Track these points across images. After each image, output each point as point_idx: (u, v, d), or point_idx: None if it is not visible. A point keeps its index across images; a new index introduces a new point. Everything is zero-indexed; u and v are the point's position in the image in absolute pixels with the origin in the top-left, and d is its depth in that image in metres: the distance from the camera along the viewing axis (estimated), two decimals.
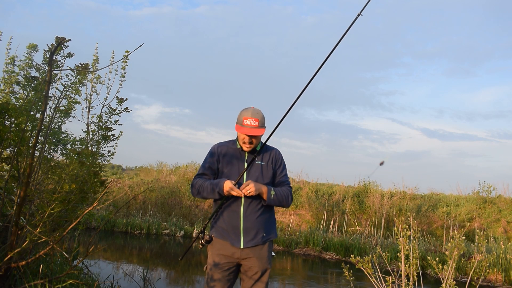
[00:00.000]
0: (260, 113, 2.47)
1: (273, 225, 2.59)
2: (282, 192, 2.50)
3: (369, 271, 3.49)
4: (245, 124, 2.42)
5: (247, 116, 2.43)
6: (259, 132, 2.42)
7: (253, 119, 2.42)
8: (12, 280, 3.13)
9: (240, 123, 2.46)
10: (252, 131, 2.40)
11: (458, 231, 3.70)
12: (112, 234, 10.44)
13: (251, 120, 2.42)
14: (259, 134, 2.42)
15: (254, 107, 2.52)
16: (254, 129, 2.41)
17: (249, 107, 2.52)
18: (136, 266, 6.96)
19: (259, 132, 2.42)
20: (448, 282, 3.42)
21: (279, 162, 2.59)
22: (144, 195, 12.73)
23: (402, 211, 11.63)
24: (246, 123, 2.42)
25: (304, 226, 11.67)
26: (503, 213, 11.62)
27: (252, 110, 2.47)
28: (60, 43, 2.91)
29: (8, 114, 2.99)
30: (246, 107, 2.52)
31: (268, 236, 2.49)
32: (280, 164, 2.60)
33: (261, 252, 2.43)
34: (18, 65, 4.28)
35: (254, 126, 2.41)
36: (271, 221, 2.57)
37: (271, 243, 2.53)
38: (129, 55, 3.75)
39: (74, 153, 3.40)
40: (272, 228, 2.56)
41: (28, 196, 2.96)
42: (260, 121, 2.44)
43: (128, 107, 4.09)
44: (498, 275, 7.60)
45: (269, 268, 2.47)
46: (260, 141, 2.56)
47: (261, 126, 2.44)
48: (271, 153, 2.59)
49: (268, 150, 2.60)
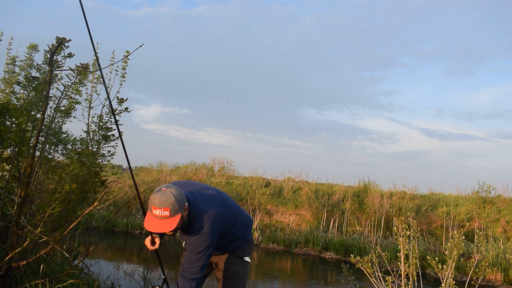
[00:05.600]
0: (171, 198, 1.99)
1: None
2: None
3: (369, 271, 3.50)
4: (155, 214, 2.01)
5: (155, 206, 1.99)
6: (169, 227, 1.99)
7: (162, 209, 1.98)
8: (13, 280, 3.14)
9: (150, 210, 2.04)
10: (162, 227, 1.99)
11: (457, 231, 3.71)
12: (112, 234, 10.45)
13: (160, 210, 1.98)
14: (169, 230, 2.00)
15: (165, 188, 2.02)
16: (164, 223, 2.00)
17: (159, 189, 2.04)
18: (137, 266, 6.97)
19: (170, 226, 1.99)
20: (447, 281, 3.43)
21: (190, 244, 2.16)
22: (145, 195, 12.74)
23: (401, 211, 11.65)
24: (156, 214, 2.00)
25: (304, 226, 11.68)
26: (503, 213, 11.62)
27: (160, 196, 1.99)
28: (60, 43, 2.91)
29: (8, 114, 3.00)
30: (157, 190, 2.04)
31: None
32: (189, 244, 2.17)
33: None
34: (18, 65, 4.30)
35: (165, 216, 1.99)
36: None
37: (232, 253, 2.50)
38: (129, 55, 3.76)
39: (74, 153, 3.40)
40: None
41: (28, 196, 2.97)
42: (172, 208, 1.98)
43: (128, 107, 4.10)
44: (498, 275, 7.62)
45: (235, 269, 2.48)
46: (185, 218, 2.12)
47: (173, 214, 1.99)
48: (189, 238, 2.16)
49: (192, 231, 2.15)
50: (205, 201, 2.22)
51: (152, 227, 2.01)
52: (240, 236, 2.45)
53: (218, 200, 2.31)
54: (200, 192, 2.28)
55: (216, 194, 2.36)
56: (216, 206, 2.23)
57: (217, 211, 2.21)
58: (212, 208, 2.19)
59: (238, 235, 2.43)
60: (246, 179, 14.68)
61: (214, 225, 2.16)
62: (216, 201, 2.29)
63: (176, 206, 1.99)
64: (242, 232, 2.46)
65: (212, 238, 2.15)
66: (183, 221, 2.10)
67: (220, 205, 2.28)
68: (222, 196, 2.39)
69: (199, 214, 2.15)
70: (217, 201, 2.30)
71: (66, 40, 2.97)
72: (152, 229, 2.01)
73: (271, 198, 13.02)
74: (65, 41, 2.96)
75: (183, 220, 2.08)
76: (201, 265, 2.12)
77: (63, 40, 2.94)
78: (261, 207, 12.43)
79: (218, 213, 2.21)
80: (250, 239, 2.58)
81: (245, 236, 2.49)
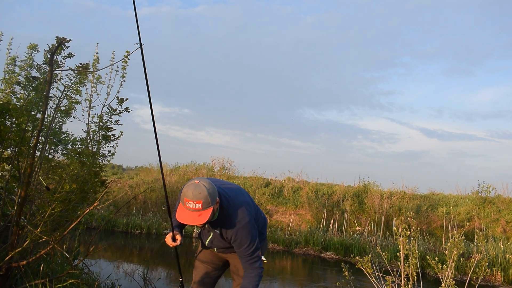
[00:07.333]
0: (204, 191, 2.01)
1: None
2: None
3: (369, 271, 3.50)
4: (187, 206, 2.05)
5: (188, 198, 2.02)
6: (201, 220, 2.03)
7: (194, 202, 2.01)
8: (13, 280, 3.15)
9: (182, 202, 2.08)
10: (194, 220, 2.04)
11: (457, 230, 3.71)
12: (112, 234, 10.45)
13: (193, 203, 2.01)
14: (201, 222, 2.04)
15: (198, 181, 2.06)
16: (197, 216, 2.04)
17: (192, 181, 2.07)
18: (137, 266, 6.97)
19: (202, 218, 2.03)
20: (447, 281, 3.43)
21: (236, 241, 2.22)
22: (145, 195, 12.74)
23: (401, 211, 11.65)
24: (188, 206, 2.04)
25: (304, 226, 11.69)
26: (502, 213, 11.63)
27: (193, 189, 2.02)
28: (60, 43, 2.92)
29: (9, 114, 3.01)
30: (190, 182, 2.08)
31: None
32: (235, 241, 2.23)
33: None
34: (19, 65, 4.30)
35: (197, 209, 2.02)
36: None
37: None
38: (129, 55, 3.76)
39: (74, 153, 3.41)
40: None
41: (28, 196, 2.97)
42: (205, 201, 2.01)
43: (128, 107, 4.10)
44: (497, 275, 7.62)
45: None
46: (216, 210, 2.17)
47: (206, 207, 2.03)
48: (228, 232, 2.22)
49: (228, 225, 2.20)
50: (236, 195, 2.29)
51: (184, 219, 2.05)
52: (259, 233, 2.50)
53: (245, 196, 2.39)
54: (228, 188, 2.34)
55: (241, 191, 2.44)
56: (246, 199, 2.33)
57: (249, 203, 2.30)
58: (244, 201, 2.28)
59: (258, 231, 2.48)
60: (246, 179, 14.68)
61: (250, 215, 2.24)
62: (244, 195, 2.37)
63: (209, 200, 2.02)
64: (261, 228, 2.51)
65: (254, 228, 2.23)
66: (214, 214, 2.14)
67: (249, 199, 2.38)
68: (246, 193, 2.48)
69: (234, 207, 2.20)
70: (244, 195, 2.38)
71: (66, 40, 2.98)
72: (184, 220, 2.05)
73: (271, 198, 13.03)
74: (65, 41, 2.96)
75: (213, 213, 2.12)
76: (257, 253, 2.21)
77: (63, 40, 2.94)
78: (261, 207, 12.43)
79: (250, 205, 2.30)
80: (266, 238, 2.64)
81: (263, 233, 2.55)
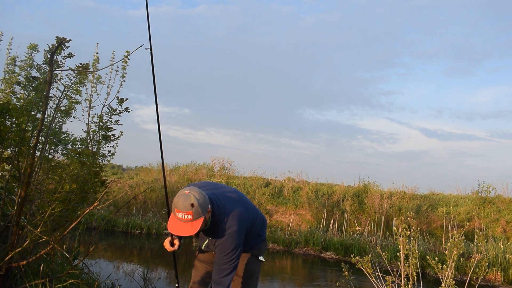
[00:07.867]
0: (194, 202, 2.00)
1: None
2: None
3: (369, 271, 3.50)
4: (178, 217, 2.03)
5: (179, 209, 2.00)
6: (192, 230, 2.01)
7: (185, 213, 1.99)
8: (13, 280, 3.15)
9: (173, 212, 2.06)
10: (185, 230, 2.02)
11: (457, 230, 3.71)
12: (112, 234, 10.44)
13: (183, 213, 1.99)
14: (192, 233, 2.01)
15: (188, 191, 2.05)
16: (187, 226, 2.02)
17: (183, 192, 2.06)
18: (137, 266, 6.97)
19: (193, 229, 2.00)
20: (447, 281, 3.43)
21: (218, 246, 2.20)
22: (145, 195, 12.74)
23: (401, 211, 11.65)
24: (179, 217, 2.02)
25: (304, 226, 11.69)
26: (502, 213, 11.63)
27: (183, 199, 2.01)
28: (60, 43, 2.92)
29: (9, 114, 3.01)
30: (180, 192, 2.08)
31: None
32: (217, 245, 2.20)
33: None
34: (19, 65, 4.30)
35: (187, 220, 2.00)
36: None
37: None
38: (129, 55, 3.76)
39: (74, 153, 3.41)
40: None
41: (28, 196, 2.97)
42: (195, 212, 1.99)
43: (128, 107, 4.10)
44: (497, 275, 7.62)
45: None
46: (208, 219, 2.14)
47: (196, 218, 2.00)
48: (217, 239, 2.19)
49: (217, 231, 2.18)
50: (229, 201, 2.26)
51: (175, 230, 2.03)
52: (257, 235, 2.49)
53: (239, 201, 2.35)
54: (222, 193, 2.31)
55: (237, 195, 2.40)
56: (239, 206, 2.27)
57: (241, 211, 2.25)
58: (236, 208, 2.23)
59: (255, 234, 2.47)
60: (246, 179, 14.68)
61: (240, 224, 2.19)
62: (238, 201, 2.33)
63: (199, 210, 2.00)
64: (259, 230, 2.49)
65: (240, 237, 2.19)
66: (206, 223, 2.12)
67: (242, 206, 2.32)
68: (242, 197, 2.43)
69: (225, 214, 2.18)
70: (239, 201, 2.33)
71: (66, 40, 2.98)
72: (174, 231, 2.04)
73: (271, 198, 13.02)
74: (65, 41, 2.96)
75: (205, 222, 2.10)
76: (233, 265, 2.15)
77: (63, 40, 2.95)
78: (261, 207, 12.43)
79: (242, 212, 2.25)
80: (265, 239, 2.62)
81: (261, 235, 2.53)
